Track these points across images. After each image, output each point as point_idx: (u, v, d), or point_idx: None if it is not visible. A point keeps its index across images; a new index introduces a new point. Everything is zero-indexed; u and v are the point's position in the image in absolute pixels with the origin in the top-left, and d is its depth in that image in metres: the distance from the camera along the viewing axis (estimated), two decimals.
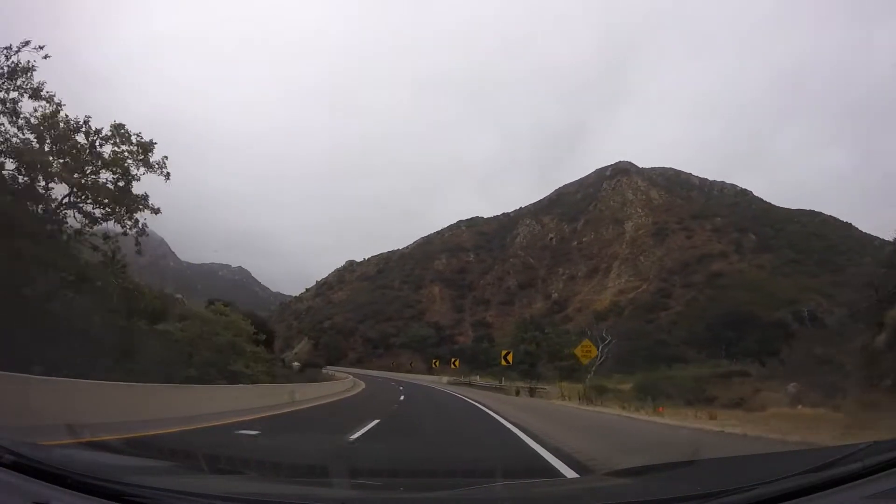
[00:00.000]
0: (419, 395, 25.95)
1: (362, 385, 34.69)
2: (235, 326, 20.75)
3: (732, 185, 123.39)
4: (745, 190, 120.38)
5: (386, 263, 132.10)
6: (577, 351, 25.21)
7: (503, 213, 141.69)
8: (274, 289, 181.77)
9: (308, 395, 19.57)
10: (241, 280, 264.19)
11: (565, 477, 4.59)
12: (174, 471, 2.70)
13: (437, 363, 60.01)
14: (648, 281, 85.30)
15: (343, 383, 31.51)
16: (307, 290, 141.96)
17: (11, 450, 1.85)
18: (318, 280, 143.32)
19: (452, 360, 57.47)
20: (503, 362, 38.03)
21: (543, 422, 12.23)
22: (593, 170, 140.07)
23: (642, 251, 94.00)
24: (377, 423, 10.69)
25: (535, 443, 7.81)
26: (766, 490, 1.72)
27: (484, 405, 18.67)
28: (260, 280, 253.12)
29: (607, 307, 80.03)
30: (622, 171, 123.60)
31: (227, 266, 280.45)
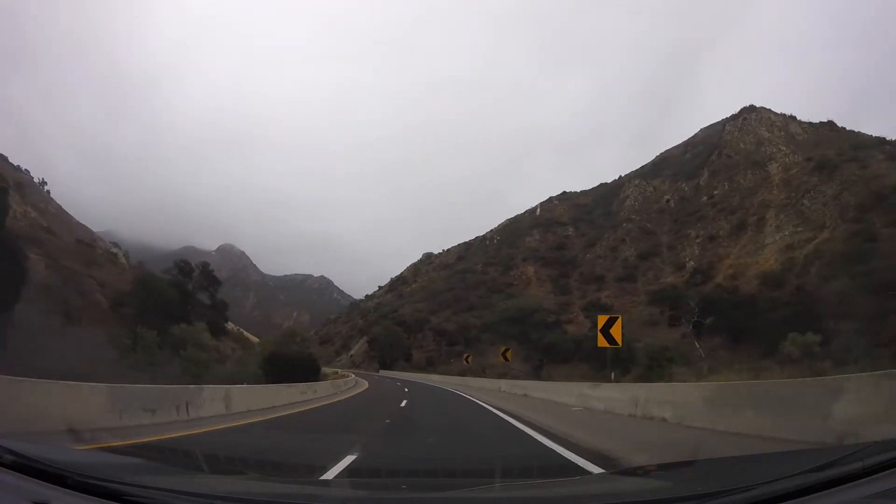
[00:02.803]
0: None
1: None
2: None
3: (859, 132, 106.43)
4: (880, 137, 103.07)
5: (467, 249, 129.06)
6: None
7: (600, 184, 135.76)
8: (357, 296, 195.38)
9: None
10: (322, 288, 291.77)
11: (564, 477, 4.69)
12: (174, 471, 3.15)
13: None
14: (827, 226, 74.97)
15: None
16: (380, 287, 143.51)
17: (11, 450, 2.07)
18: (393, 277, 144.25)
19: None
20: None
21: None
22: (698, 129, 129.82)
23: (805, 192, 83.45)
24: None
25: None
26: (766, 490, 1.85)
27: None
28: (342, 288, 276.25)
29: (776, 267, 68.74)
30: (748, 110, 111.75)
31: (310, 276, 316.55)
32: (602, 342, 17.44)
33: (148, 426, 9.34)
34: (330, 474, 5.75)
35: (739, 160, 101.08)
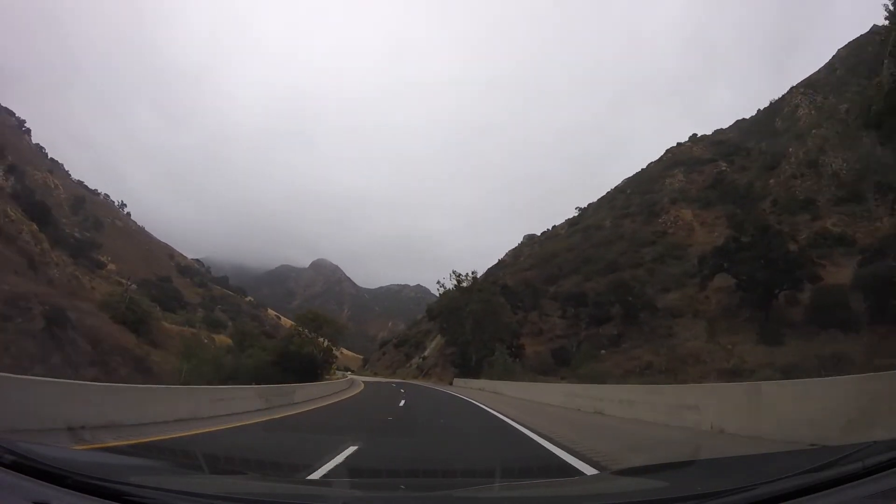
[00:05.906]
0: None
1: None
2: None
3: None
4: None
5: (581, 216, 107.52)
6: None
7: (736, 121, 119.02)
8: None
9: None
10: (419, 297, 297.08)
11: (563, 477, 4.76)
12: (174, 471, 3.23)
13: None
14: None
15: None
16: (474, 274, 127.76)
17: (11, 450, 2.12)
18: (490, 266, 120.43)
19: None
20: None
21: None
22: (834, 51, 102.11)
23: None
24: None
25: None
26: (766, 490, 1.89)
27: None
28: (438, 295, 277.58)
29: None
30: None
31: (406, 286, 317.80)
32: None
33: None
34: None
35: None
